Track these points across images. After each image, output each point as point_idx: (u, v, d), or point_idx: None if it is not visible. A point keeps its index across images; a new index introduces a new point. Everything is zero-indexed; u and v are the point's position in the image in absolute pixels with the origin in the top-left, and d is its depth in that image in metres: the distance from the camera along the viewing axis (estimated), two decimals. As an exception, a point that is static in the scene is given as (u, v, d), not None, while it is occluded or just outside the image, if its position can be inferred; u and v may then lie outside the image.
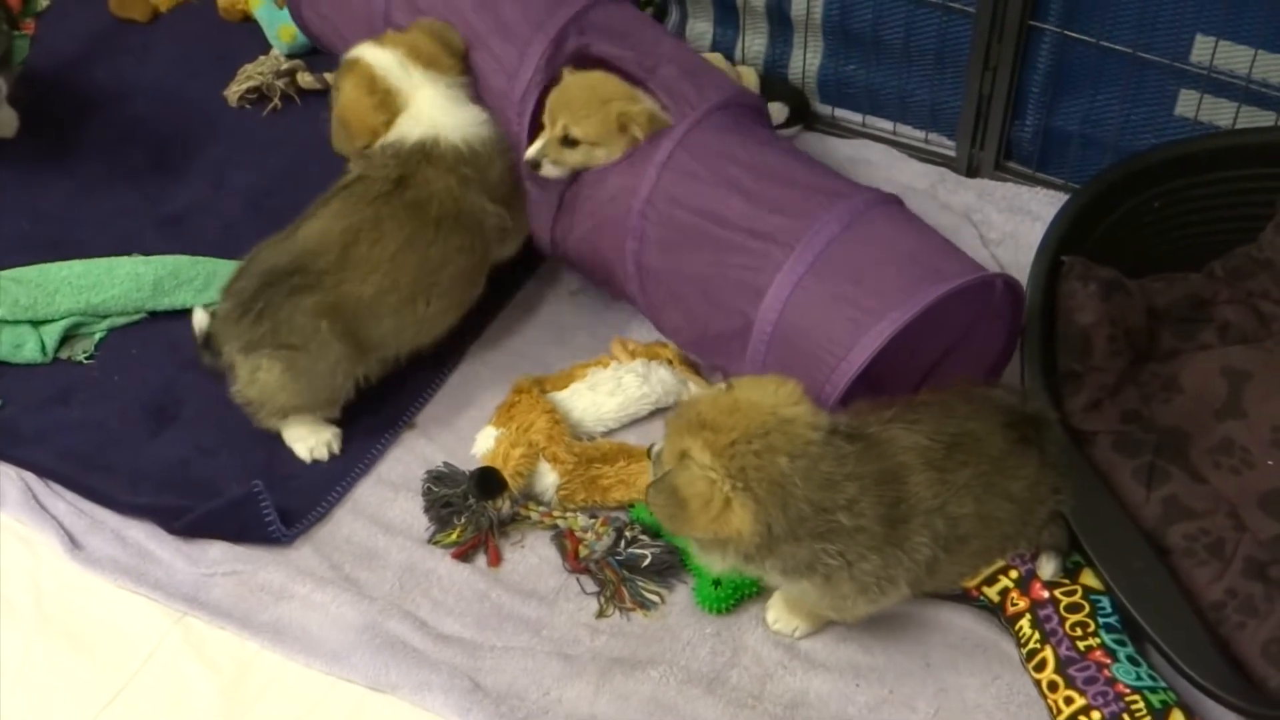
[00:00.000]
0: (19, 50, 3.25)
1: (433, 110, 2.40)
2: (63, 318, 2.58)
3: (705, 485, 1.83)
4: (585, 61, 2.48)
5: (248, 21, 3.26)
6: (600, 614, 2.19)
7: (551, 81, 2.44)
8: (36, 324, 2.58)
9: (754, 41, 2.95)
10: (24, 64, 3.23)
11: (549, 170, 2.40)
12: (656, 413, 2.45)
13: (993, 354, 2.29)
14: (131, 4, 3.33)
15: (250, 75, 3.06)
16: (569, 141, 2.38)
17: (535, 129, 2.44)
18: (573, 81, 2.42)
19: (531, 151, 2.40)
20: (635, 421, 2.44)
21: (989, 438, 2.01)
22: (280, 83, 3.04)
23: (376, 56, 2.42)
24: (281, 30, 3.10)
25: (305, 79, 3.06)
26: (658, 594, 2.19)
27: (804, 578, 1.92)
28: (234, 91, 3.06)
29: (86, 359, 2.57)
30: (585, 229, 2.45)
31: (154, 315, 2.63)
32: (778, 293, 2.15)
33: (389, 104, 2.40)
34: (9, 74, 2.61)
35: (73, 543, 2.27)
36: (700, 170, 2.29)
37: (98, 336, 2.60)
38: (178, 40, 3.27)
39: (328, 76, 3.04)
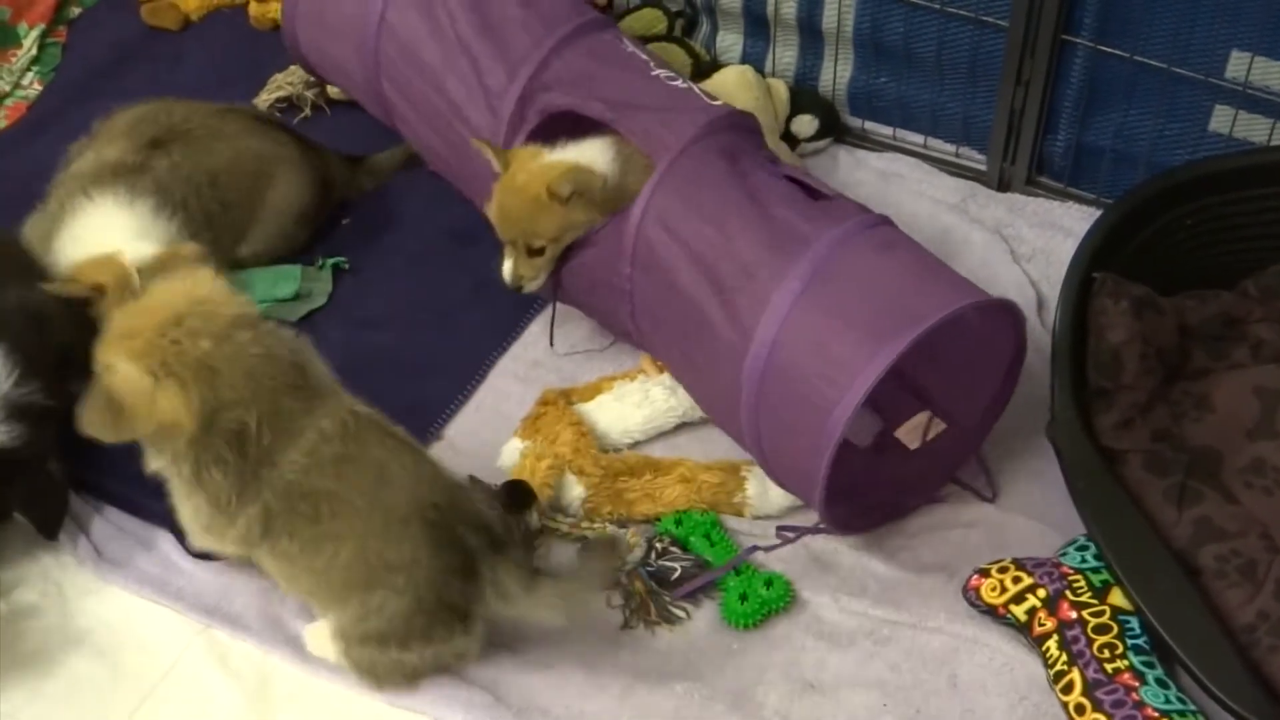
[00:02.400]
0: (50, 58, 3.27)
1: None
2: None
3: (133, 382, 1.85)
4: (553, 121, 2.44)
5: (278, 30, 3.26)
6: (625, 625, 2.17)
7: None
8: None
9: (784, 54, 2.94)
10: (55, 71, 3.25)
11: (531, 287, 2.40)
12: (682, 426, 2.44)
13: (999, 371, 2.26)
14: (163, 12, 3.34)
15: (281, 85, 3.06)
16: (535, 251, 2.36)
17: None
18: (501, 196, 2.36)
19: (507, 277, 2.39)
20: (661, 435, 2.43)
21: (401, 488, 1.96)
22: (310, 93, 3.04)
23: None
24: (312, 39, 3.11)
25: (334, 90, 3.06)
26: (683, 609, 2.18)
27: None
28: (264, 100, 3.07)
29: (113, 367, 2.57)
30: (586, 295, 2.45)
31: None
32: (754, 362, 2.10)
33: None
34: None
35: (97, 552, 2.27)
36: (665, 238, 2.24)
37: (125, 344, 2.60)
38: (209, 48, 3.28)
39: (357, 86, 3.05)
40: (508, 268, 2.39)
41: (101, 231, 2.42)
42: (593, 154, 2.34)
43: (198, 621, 2.19)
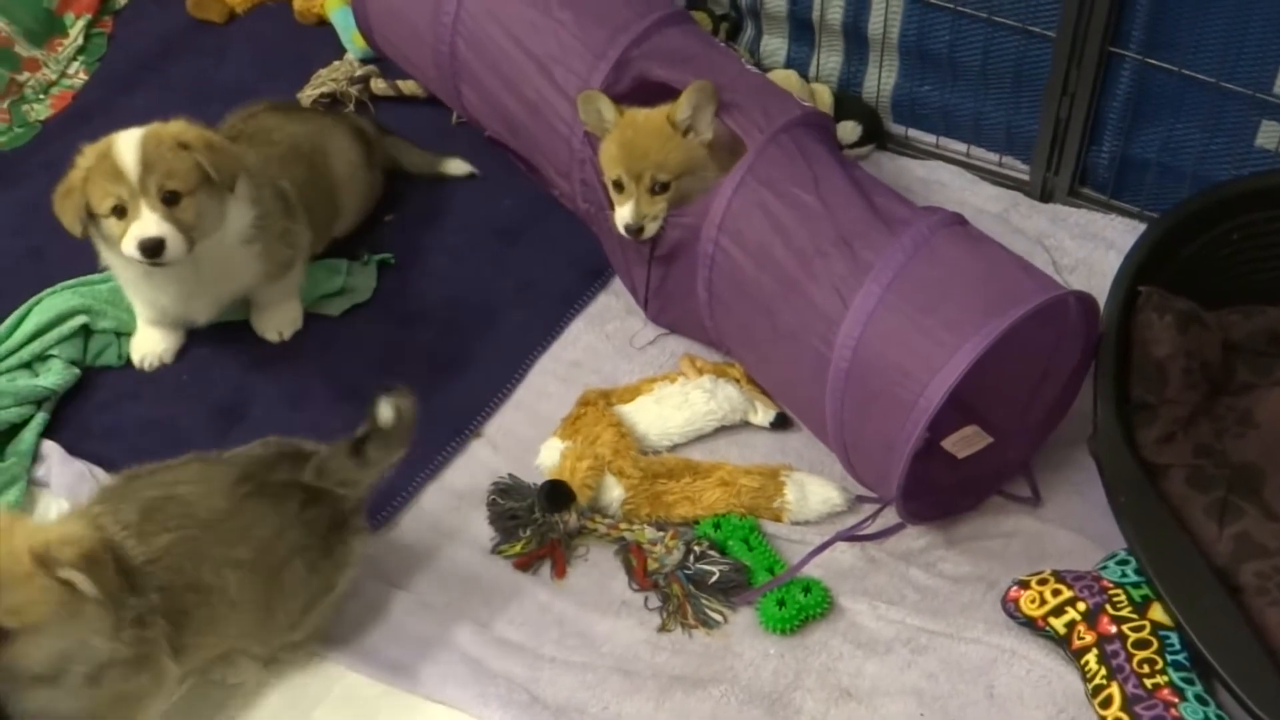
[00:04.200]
0: (96, 48, 3.29)
1: None
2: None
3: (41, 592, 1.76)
4: (647, 87, 2.48)
5: (323, 25, 3.29)
6: (663, 628, 2.18)
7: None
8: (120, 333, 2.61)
9: (829, 59, 2.94)
10: (100, 61, 3.27)
11: (652, 228, 2.41)
12: (721, 430, 2.44)
13: (1068, 370, 2.27)
14: (208, 5, 3.35)
15: (324, 80, 3.07)
16: (660, 188, 2.38)
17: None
18: (625, 134, 2.40)
19: (629, 218, 2.39)
20: (700, 438, 2.43)
21: (203, 500, 1.94)
22: (354, 89, 3.05)
23: None
24: (356, 35, 3.11)
25: (379, 85, 3.07)
26: (721, 613, 2.18)
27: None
28: (308, 95, 3.07)
29: (158, 359, 2.59)
30: (666, 268, 2.47)
31: (225, 317, 2.66)
32: (850, 329, 2.13)
33: None
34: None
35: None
36: (769, 197, 2.28)
37: (170, 335, 2.61)
38: (253, 42, 3.30)
39: (400, 84, 3.05)
40: (628, 210, 2.39)
41: None
42: None
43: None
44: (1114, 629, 2.04)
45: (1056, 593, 2.10)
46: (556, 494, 2.24)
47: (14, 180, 2.96)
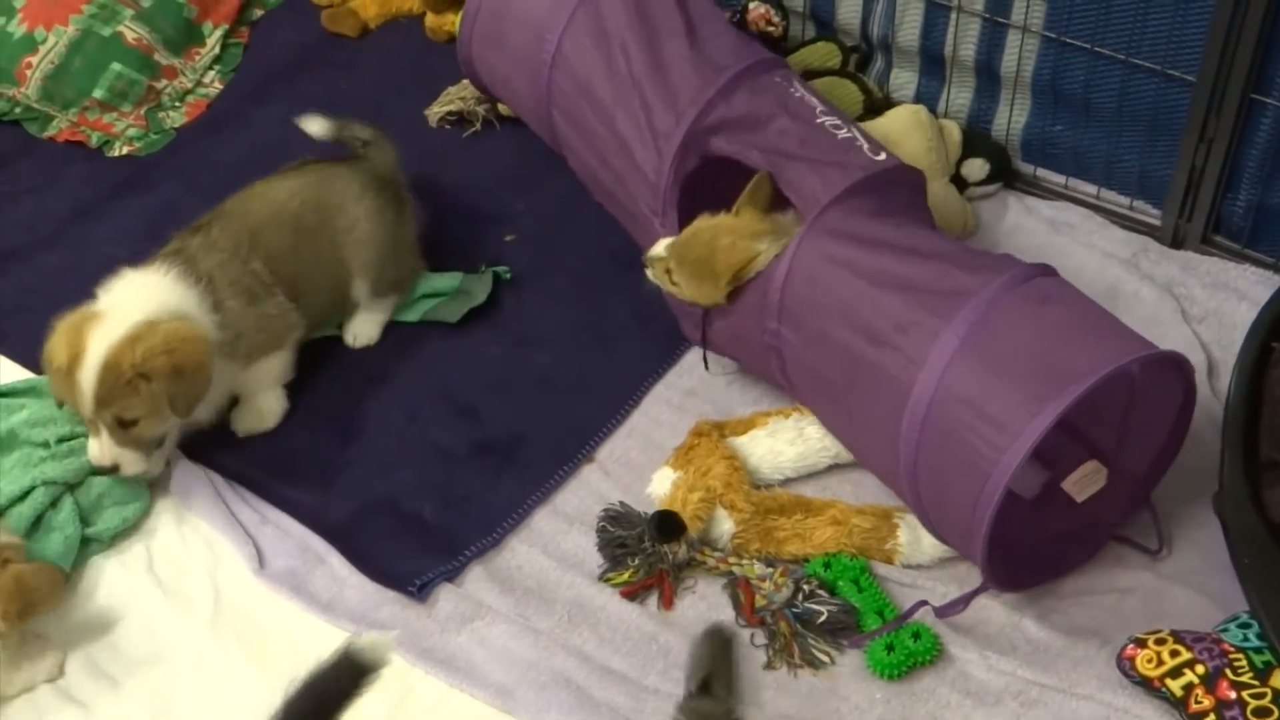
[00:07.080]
0: (231, 58, 3.35)
1: None
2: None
3: None
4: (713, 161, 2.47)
5: (453, 43, 3.30)
6: (769, 665, 2.16)
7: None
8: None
9: (959, 95, 2.91)
10: (235, 71, 3.33)
11: (650, 276, 2.43)
12: (834, 467, 2.42)
13: (1159, 429, 2.20)
14: (342, 18, 3.40)
15: (453, 98, 3.09)
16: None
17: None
18: (691, 235, 2.38)
19: (654, 250, 2.41)
20: (813, 474, 2.41)
21: None
22: (481, 108, 3.07)
23: None
24: (486, 54, 3.14)
25: (505, 106, 3.08)
26: (828, 654, 2.16)
27: None
28: (435, 112, 3.10)
29: (277, 371, 2.62)
30: (734, 349, 2.48)
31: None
32: (916, 407, 2.07)
33: None
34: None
35: (258, 553, 2.31)
36: (822, 279, 2.23)
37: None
38: (384, 57, 3.33)
39: (528, 103, 3.07)
40: (657, 249, 2.40)
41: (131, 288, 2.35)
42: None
43: (346, 628, 2.21)
44: (1234, 695, 1.98)
45: (1175, 653, 2.04)
46: (667, 524, 2.23)
47: (148, 186, 3.02)
